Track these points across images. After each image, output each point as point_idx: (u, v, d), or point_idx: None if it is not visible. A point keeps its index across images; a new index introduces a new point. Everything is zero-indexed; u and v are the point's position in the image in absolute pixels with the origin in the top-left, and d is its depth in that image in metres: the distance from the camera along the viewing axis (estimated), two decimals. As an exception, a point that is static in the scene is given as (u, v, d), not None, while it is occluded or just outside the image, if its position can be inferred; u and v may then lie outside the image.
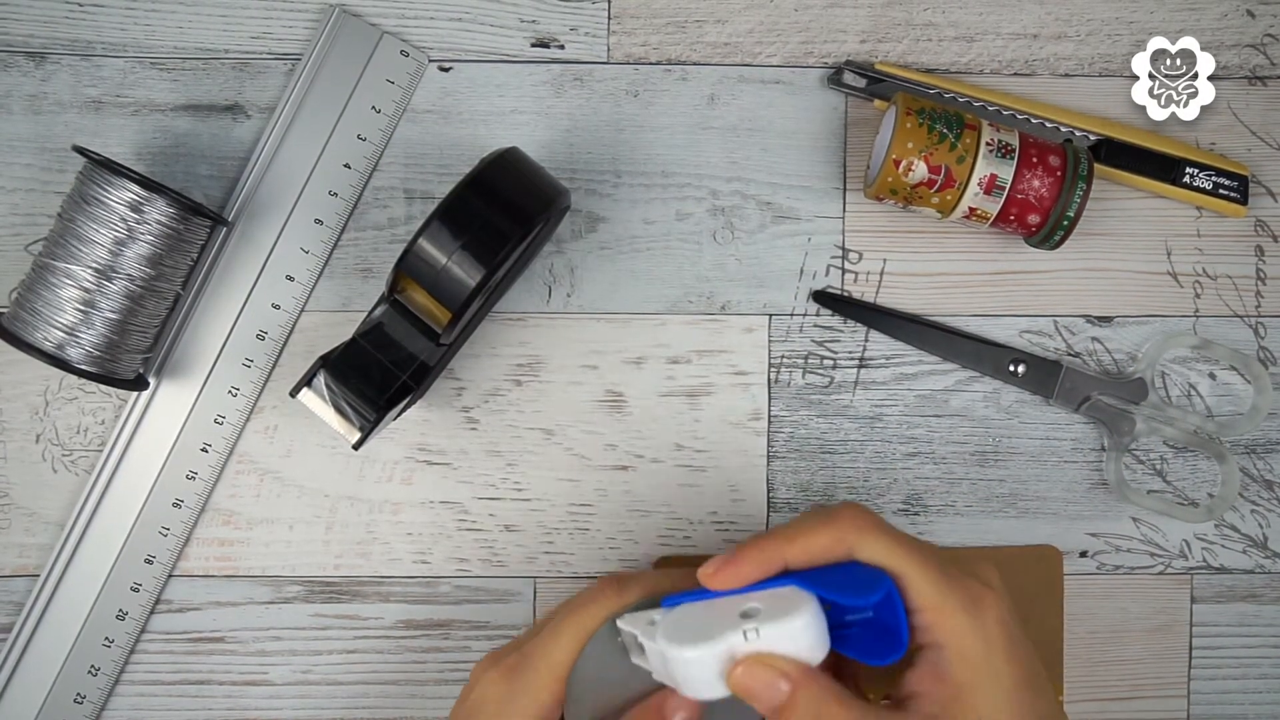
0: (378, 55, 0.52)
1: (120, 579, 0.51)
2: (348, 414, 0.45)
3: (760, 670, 0.36)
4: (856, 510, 0.39)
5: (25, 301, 0.47)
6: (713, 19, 0.53)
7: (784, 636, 0.36)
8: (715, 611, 0.38)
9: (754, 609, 0.37)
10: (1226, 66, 0.54)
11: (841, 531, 0.38)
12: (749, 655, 0.36)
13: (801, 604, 0.36)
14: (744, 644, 0.36)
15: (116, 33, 0.52)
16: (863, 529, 0.38)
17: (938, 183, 0.48)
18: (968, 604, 0.37)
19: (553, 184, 0.47)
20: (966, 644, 0.37)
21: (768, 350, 0.53)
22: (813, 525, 0.38)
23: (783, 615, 0.36)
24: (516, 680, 0.41)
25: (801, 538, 0.38)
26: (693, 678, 0.37)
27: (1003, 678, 0.37)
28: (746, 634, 0.36)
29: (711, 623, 0.37)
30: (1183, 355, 0.54)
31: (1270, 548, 0.54)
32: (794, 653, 0.36)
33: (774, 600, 0.37)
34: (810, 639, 0.36)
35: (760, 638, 0.36)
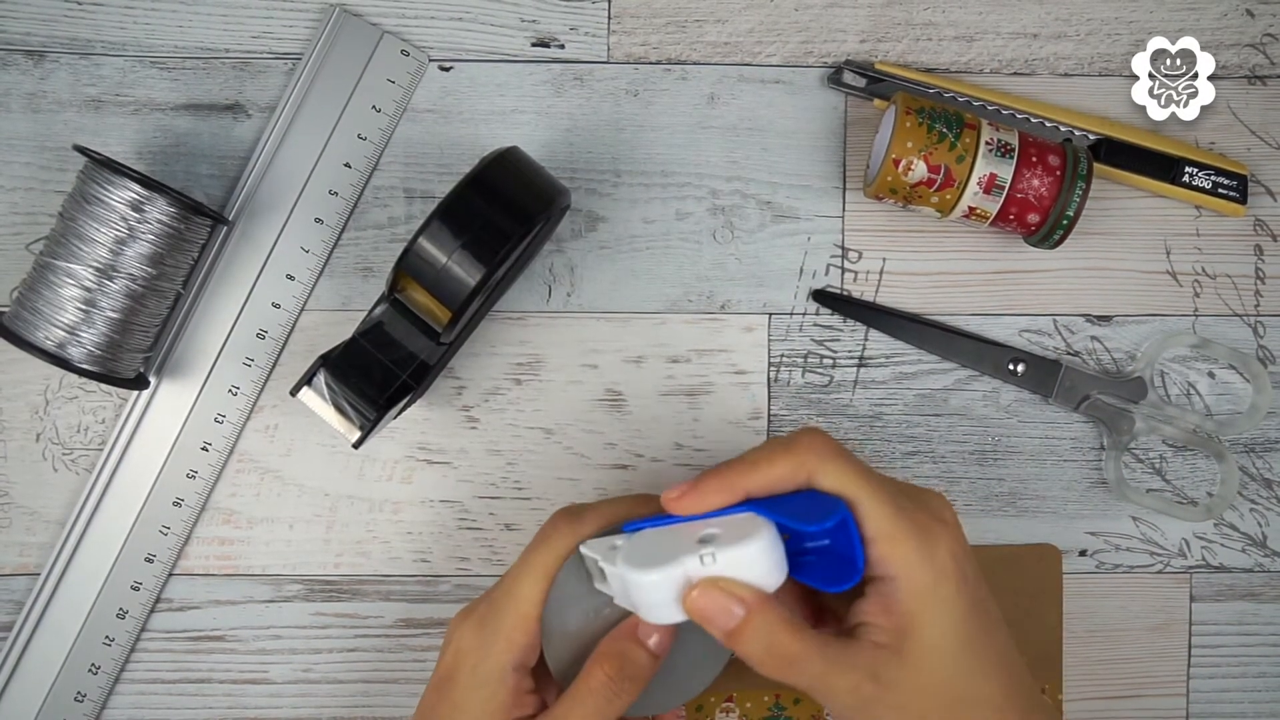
0: (378, 55, 0.52)
1: (121, 578, 0.51)
2: (348, 413, 0.45)
3: (715, 594, 0.37)
4: (815, 437, 0.39)
5: (26, 300, 0.47)
6: (713, 19, 0.53)
7: (741, 562, 0.37)
8: (674, 537, 0.39)
9: (712, 534, 0.38)
10: (1226, 66, 0.54)
11: (800, 458, 0.38)
12: (705, 580, 0.37)
13: (758, 530, 0.37)
14: (700, 568, 0.37)
15: (116, 31, 0.52)
16: (822, 456, 0.38)
17: (937, 182, 0.48)
18: (919, 535, 0.37)
19: (553, 183, 0.47)
20: (916, 574, 0.37)
21: (767, 349, 0.53)
22: (772, 453, 0.39)
23: (739, 541, 0.37)
24: (487, 628, 0.42)
25: (763, 465, 0.39)
26: (651, 602, 0.38)
27: (952, 609, 0.37)
28: (703, 558, 0.37)
29: (670, 548, 0.38)
30: (1182, 354, 0.54)
31: (1269, 546, 0.55)
32: (751, 578, 0.37)
33: (732, 526, 0.38)
34: (766, 564, 0.37)
35: (716, 562, 0.37)
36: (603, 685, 0.40)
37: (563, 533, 0.42)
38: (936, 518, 0.38)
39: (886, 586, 0.38)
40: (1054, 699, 0.53)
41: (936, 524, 0.38)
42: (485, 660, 0.41)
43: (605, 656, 0.41)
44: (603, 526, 0.42)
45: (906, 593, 0.37)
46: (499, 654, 0.41)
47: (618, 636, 0.41)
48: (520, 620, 0.41)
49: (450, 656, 0.42)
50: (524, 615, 0.41)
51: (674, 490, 0.39)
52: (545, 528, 0.43)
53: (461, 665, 0.42)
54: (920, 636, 0.37)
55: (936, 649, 0.37)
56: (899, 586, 0.37)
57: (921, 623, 0.37)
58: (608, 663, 0.40)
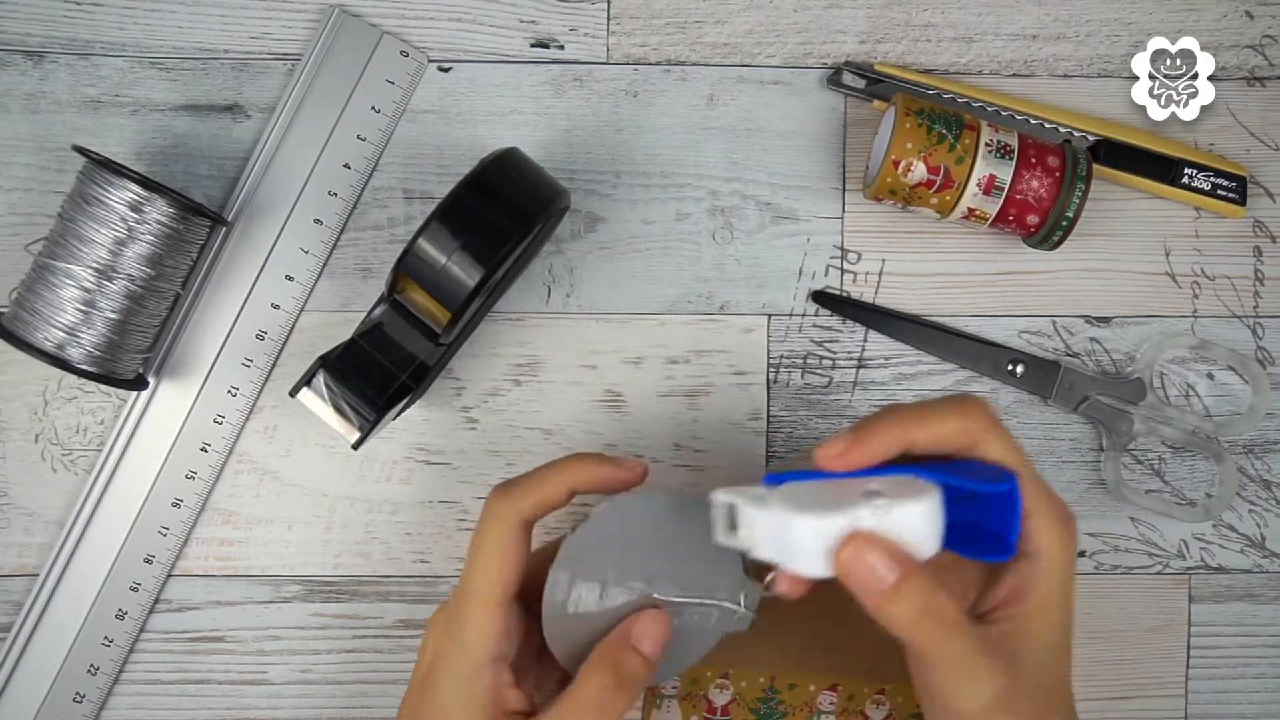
0: (377, 55, 0.52)
1: (119, 578, 0.51)
2: (347, 414, 0.45)
3: (871, 551, 0.35)
4: (982, 404, 0.38)
5: (25, 301, 0.47)
6: (712, 19, 0.53)
7: (907, 521, 0.35)
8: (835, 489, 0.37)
9: (877, 490, 0.36)
10: (1225, 67, 0.54)
11: (970, 422, 0.37)
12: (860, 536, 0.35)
13: (926, 491, 0.35)
14: (870, 520, 0.35)
15: (115, 32, 0.52)
16: (989, 424, 0.38)
17: (936, 183, 0.48)
18: (1066, 519, 0.38)
19: (552, 184, 0.47)
20: (1059, 556, 0.37)
21: (767, 350, 0.53)
22: (943, 411, 0.38)
23: (909, 498, 0.35)
24: (456, 624, 0.41)
25: (932, 420, 0.37)
26: (808, 550, 0.35)
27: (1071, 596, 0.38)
28: (875, 510, 0.35)
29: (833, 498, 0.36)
30: (1181, 355, 0.54)
31: (1268, 547, 0.55)
32: (913, 540, 0.35)
33: (897, 486, 0.36)
34: (930, 528, 0.35)
35: (890, 515, 0.35)
36: (598, 692, 0.40)
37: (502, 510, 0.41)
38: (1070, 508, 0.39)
39: (1026, 566, 0.37)
40: None
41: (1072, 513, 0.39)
42: (460, 656, 0.41)
43: (601, 664, 0.40)
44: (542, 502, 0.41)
45: (1049, 574, 0.37)
46: (473, 648, 0.41)
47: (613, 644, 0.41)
48: (487, 609, 0.41)
49: (428, 657, 0.42)
50: (489, 602, 0.41)
51: (834, 444, 0.37)
52: (484, 509, 0.42)
53: (438, 665, 0.41)
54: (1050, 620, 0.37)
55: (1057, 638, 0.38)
56: (1041, 567, 0.37)
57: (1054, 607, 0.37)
58: (603, 670, 0.40)
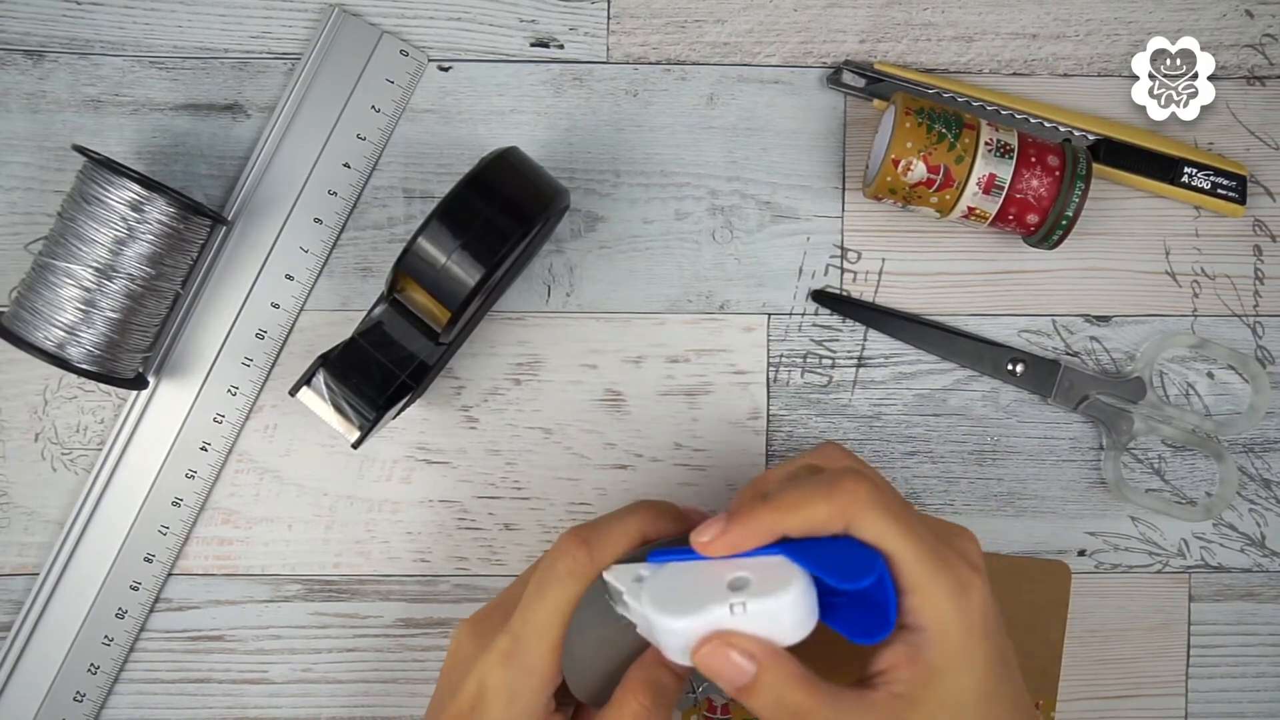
0: (377, 55, 0.52)
1: (120, 577, 0.51)
2: (347, 413, 0.45)
3: (726, 650, 0.36)
4: (858, 484, 0.38)
5: (25, 300, 0.47)
6: (712, 19, 0.53)
7: (771, 613, 0.36)
8: (703, 577, 0.37)
9: (743, 579, 0.36)
10: (1225, 67, 0.54)
11: (841, 506, 0.37)
12: (715, 634, 0.36)
13: (792, 580, 0.36)
14: (729, 619, 0.36)
15: (115, 31, 0.52)
16: (863, 505, 0.37)
17: (936, 182, 0.48)
18: (955, 589, 0.37)
19: (552, 183, 0.47)
20: (949, 628, 0.37)
21: (766, 349, 0.53)
22: (812, 496, 0.38)
23: (772, 591, 0.36)
24: (515, 665, 0.41)
25: (801, 509, 0.38)
26: (673, 646, 0.37)
27: (976, 661, 0.37)
28: (733, 608, 0.35)
29: (699, 591, 0.37)
30: (1181, 354, 0.54)
31: (1268, 546, 0.55)
32: (778, 630, 0.36)
33: (764, 571, 0.37)
34: (796, 616, 0.36)
35: (747, 613, 0.35)
36: (636, 714, 0.40)
37: (581, 565, 0.41)
38: (971, 566, 0.38)
39: (915, 637, 0.37)
40: (1047, 716, 0.53)
41: (972, 574, 0.38)
42: (517, 700, 0.41)
43: (639, 686, 0.40)
44: (618, 553, 0.41)
45: (937, 646, 0.37)
46: (531, 693, 0.41)
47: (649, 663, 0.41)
48: (548, 655, 0.41)
49: (473, 692, 0.41)
50: (550, 649, 0.41)
51: (704, 533, 0.38)
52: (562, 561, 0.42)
53: (490, 703, 0.41)
54: (943, 690, 0.37)
55: (957, 703, 0.37)
56: (929, 639, 0.37)
57: (946, 677, 0.37)
58: (642, 692, 0.40)
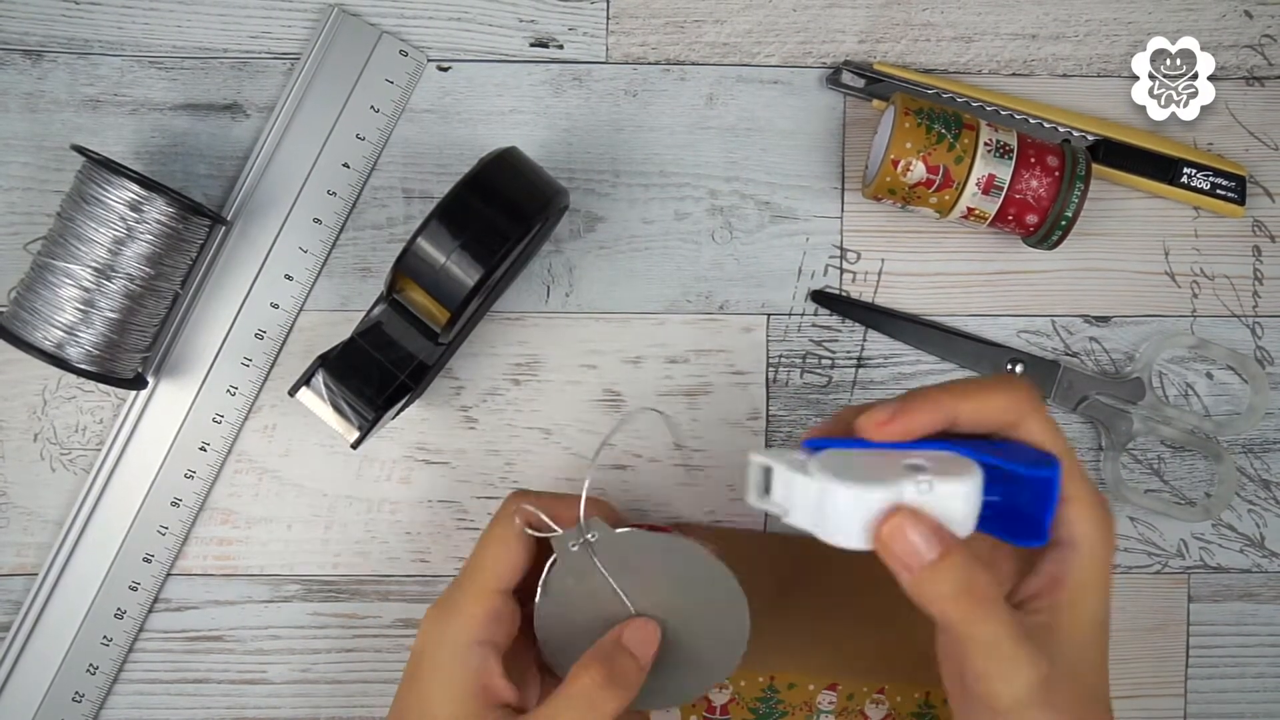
0: (376, 55, 0.52)
1: (118, 578, 0.51)
2: (346, 413, 0.45)
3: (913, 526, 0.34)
4: (1027, 385, 0.38)
5: (24, 300, 0.47)
6: (711, 19, 0.53)
7: (949, 500, 0.35)
8: (877, 460, 0.36)
9: (920, 464, 0.35)
10: (1224, 67, 0.54)
11: (1016, 402, 0.37)
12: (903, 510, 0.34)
13: (970, 470, 0.35)
14: (914, 495, 0.34)
15: (114, 31, 0.52)
16: (1034, 405, 0.37)
17: (936, 183, 0.48)
18: (1105, 506, 0.38)
19: (551, 184, 0.47)
20: (1098, 545, 0.37)
21: (766, 350, 0.53)
22: (989, 388, 0.37)
23: (953, 476, 0.35)
24: (446, 609, 0.41)
25: (976, 396, 0.37)
26: (846, 521, 0.35)
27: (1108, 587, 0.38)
28: (919, 485, 0.34)
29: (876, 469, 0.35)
30: (1180, 355, 0.54)
31: (1267, 547, 0.55)
32: (952, 519, 0.35)
33: (938, 461, 0.36)
34: (970, 507, 0.35)
35: (933, 492, 0.34)
36: (588, 690, 0.40)
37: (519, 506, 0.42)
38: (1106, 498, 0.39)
39: (1062, 554, 0.37)
40: None
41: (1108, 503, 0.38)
42: (444, 640, 0.41)
43: (593, 661, 0.40)
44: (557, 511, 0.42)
45: (1086, 563, 0.37)
46: (457, 631, 0.41)
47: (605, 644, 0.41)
48: (477, 593, 0.41)
49: (417, 648, 0.42)
50: (481, 587, 0.41)
51: (880, 413, 0.36)
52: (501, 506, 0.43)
53: (424, 652, 0.41)
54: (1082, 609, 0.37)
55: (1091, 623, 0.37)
56: (1079, 555, 0.37)
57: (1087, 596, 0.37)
58: (595, 668, 0.40)
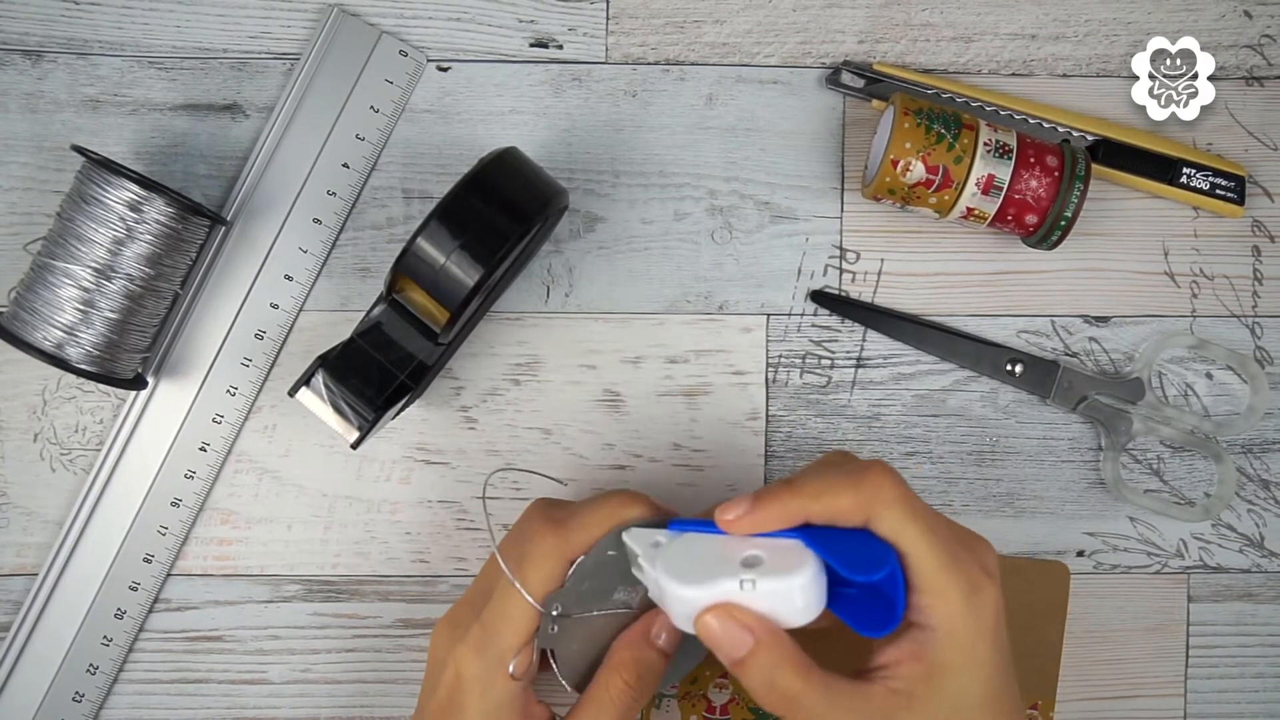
0: (376, 55, 0.52)
1: (118, 578, 0.51)
2: (346, 413, 0.45)
3: (727, 622, 0.37)
4: (882, 476, 0.38)
5: (24, 301, 0.47)
6: (711, 19, 0.53)
7: (779, 593, 0.36)
8: (718, 550, 0.38)
9: (756, 558, 0.37)
10: (1224, 67, 0.54)
11: (865, 499, 0.38)
12: (720, 605, 0.37)
13: (804, 564, 0.36)
14: (738, 593, 0.36)
15: (114, 31, 0.52)
16: (886, 501, 0.38)
17: (935, 183, 0.48)
18: (968, 592, 0.37)
19: (551, 184, 0.47)
20: (957, 629, 0.37)
21: (765, 350, 0.53)
22: (837, 486, 0.38)
23: (783, 572, 0.36)
24: (489, 653, 0.41)
25: (825, 498, 0.38)
26: (675, 610, 0.38)
27: (982, 665, 0.37)
28: (743, 584, 0.36)
29: (712, 563, 0.37)
30: (1180, 355, 0.54)
31: (1266, 547, 0.55)
32: (784, 611, 0.37)
33: (778, 552, 0.37)
34: (804, 600, 0.36)
35: (756, 591, 0.36)
36: (621, 693, 0.40)
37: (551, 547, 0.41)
38: (986, 572, 0.38)
39: (921, 635, 0.37)
40: (1046, 716, 0.53)
41: (986, 580, 0.38)
42: (493, 687, 0.41)
43: (623, 664, 0.41)
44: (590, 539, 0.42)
45: (943, 646, 0.37)
46: (506, 681, 0.41)
47: (631, 642, 0.41)
48: (519, 641, 0.41)
49: (450, 683, 0.42)
50: (521, 633, 0.41)
51: (730, 510, 0.39)
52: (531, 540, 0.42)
53: (467, 693, 0.41)
54: (944, 690, 0.37)
55: (956, 706, 0.37)
56: (936, 639, 0.37)
57: (950, 677, 0.37)
58: (627, 670, 0.41)
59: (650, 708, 0.52)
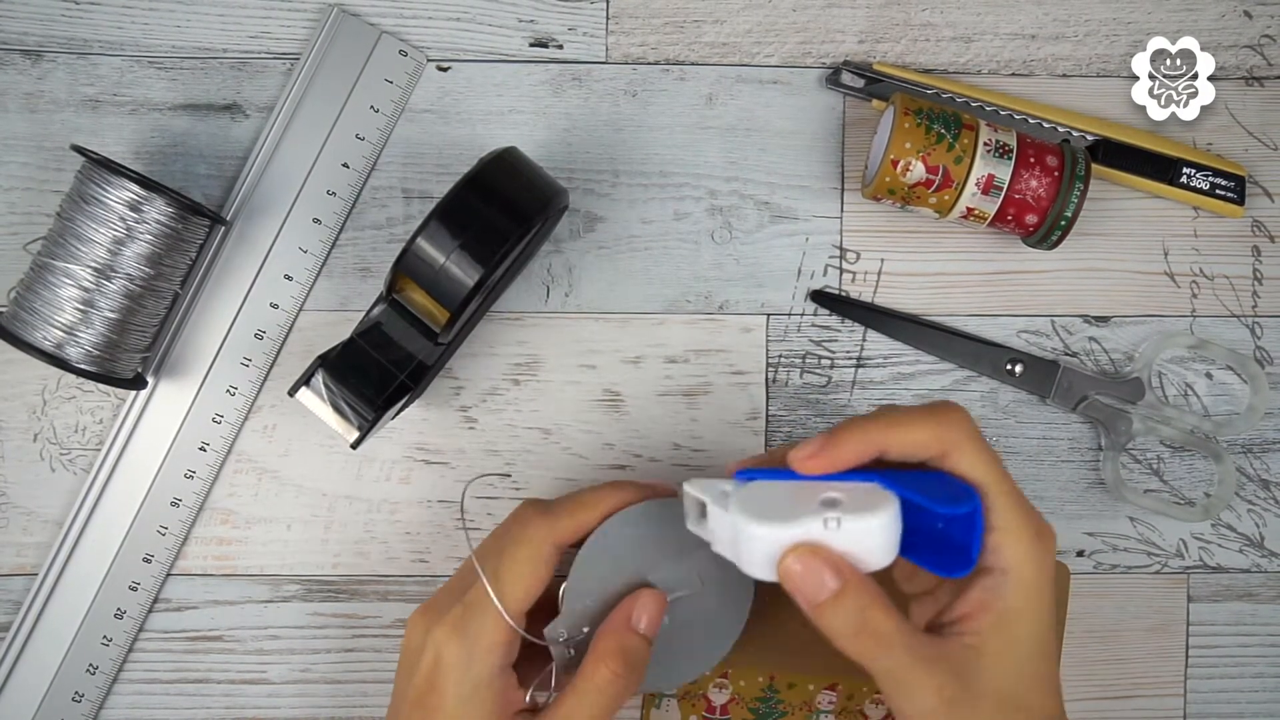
0: (376, 55, 0.52)
1: (118, 578, 0.51)
2: (346, 413, 0.45)
3: (812, 561, 0.35)
4: (959, 412, 0.38)
5: (24, 301, 0.47)
6: (711, 19, 0.53)
7: (862, 534, 0.35)
8: (795, 494, 0.37)
9: (835, 499, 0.36)
10: (1224, 67, 0.54)
11: (944, 431, 0.37)
12: (804, 543, 0.35)
13: (884, 504, 0.35)
14: (822, 532, 0.35)
15: (113, 31, 0.52)
16: (963, 435, 0.37)
17: (935, 183, 0.48)
18: (1038, 535, 0.38)
19: (551, 184, 0.47)
20: (1028, 572, 0.37)
21: (765, 350, 0.53)
22: (917, 418, 0.38)
23: (866, 511, 0.35)
24: (469, 635, 0.41)
25: (903, 426, 0.37)
26: (755, 555, 0.36)
27: (1044, 609, 0.38)
28: (827, 522, 0.35)
29: (791, 506, 0.36)
30: (1179, 355, 0.54)
31: (1266, 547, 0.55)
32: (864, 552, 0.36)
33: (856, 494, 0.36)
34: (884, 541, 0.36)
35: (840, 530, 0.35)
36: (609, 682, 0.40)
37: (539, 530, 0.42)
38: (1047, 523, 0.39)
39: (990, 581, 0.37)
40: None
41: (1046, 524, 0.38)
42: (471, 669, 0.41)
43: (608, 653, 0.41)
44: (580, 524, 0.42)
45: (1013, 590, 0.37)
46: (485, 661, 0.41)
47: (614, 630, 0.41)
48: (503, 623, 0.41)
49: (430, 665, 0.41)
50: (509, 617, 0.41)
51: (806, 448, 0.38)
52: (518, 525, 0.42)
53: (445, 676, 0.41)
54: (1012, 635, 0.37)
55: (1022, 650, 0.37)
56: (1006, 582, 0.37)
57: (1018, 622, 0.37)
58: (612, 659, 0.40)
59: (650, 708, 0.52)
